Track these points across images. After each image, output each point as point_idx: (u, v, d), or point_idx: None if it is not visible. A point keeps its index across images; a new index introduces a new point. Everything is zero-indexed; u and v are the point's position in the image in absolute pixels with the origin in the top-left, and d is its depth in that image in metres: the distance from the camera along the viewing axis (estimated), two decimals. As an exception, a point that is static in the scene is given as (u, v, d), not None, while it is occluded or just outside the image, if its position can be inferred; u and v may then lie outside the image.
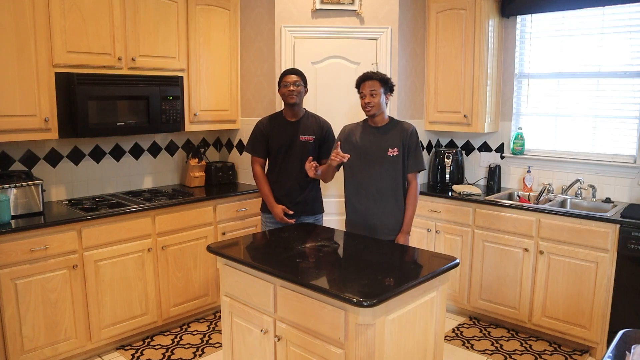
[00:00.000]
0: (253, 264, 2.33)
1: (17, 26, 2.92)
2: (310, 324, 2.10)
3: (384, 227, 2.93)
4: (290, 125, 3.31)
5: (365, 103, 2.86)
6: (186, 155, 4.25)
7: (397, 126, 2.94)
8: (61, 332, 3.03)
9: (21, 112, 2.99)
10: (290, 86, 3.20)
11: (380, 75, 2.88)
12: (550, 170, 3.90)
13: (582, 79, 3.77)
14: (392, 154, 2.89)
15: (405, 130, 2.91)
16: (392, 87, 2.93)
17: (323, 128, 3.35)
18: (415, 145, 2.91)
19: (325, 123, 3.38)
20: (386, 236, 2.92)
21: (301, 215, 3.33)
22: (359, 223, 2.98)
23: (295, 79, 3.22)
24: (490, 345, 3.45)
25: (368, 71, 2.93)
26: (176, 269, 3.56)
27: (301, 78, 3.26)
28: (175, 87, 3.65)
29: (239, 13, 4.06)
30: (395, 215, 2.94)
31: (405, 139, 2.89)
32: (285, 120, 3.33)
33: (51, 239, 2.94)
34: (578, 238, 3.24)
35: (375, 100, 2.84)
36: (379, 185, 2.91)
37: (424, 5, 4.07)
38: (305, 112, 3.37)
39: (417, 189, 2.97)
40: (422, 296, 2.19)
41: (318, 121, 3.36)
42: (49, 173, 3.48)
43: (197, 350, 3.36)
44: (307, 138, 3.30)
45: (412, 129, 2.93)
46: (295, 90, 3.20)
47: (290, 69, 3.30)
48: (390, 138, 2.91)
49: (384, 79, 2.87)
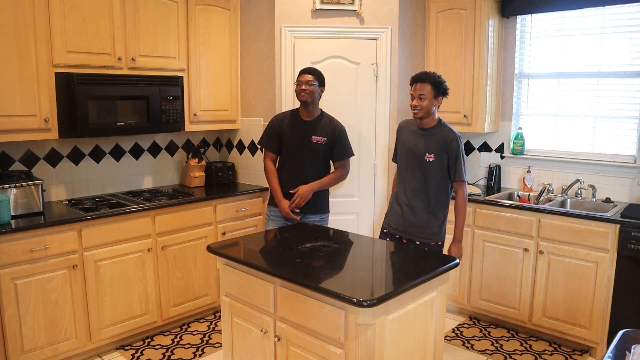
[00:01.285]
0: (253, 264, 2.32)
1: (17, 26, 2.92)
2: (310, 324, 2.10)
3: (413, 227, 2.97)
4: (304, 124, 3.31)
5: (412, 106, 2.86)
6: (186, 155, 4.25)
7: (441, 132, 2.90)
8: (61, 332, 3.03)
9: (21, 112, 2.99)
10: (303, 85, 3.22)
11: (433, 78, 2.83)
12: (550, 170, 3.90)
13: (582, 79, 3.77)
14: (429, 159, 2.89)
15: (446, 139, 2.87)
16: (445, 90, 2.88)
17: (335, 130, 3.34)
18: (455, 155, 2.86)
19: (338, 125, 3.38)
20: (414, 237, 2.97)
21: (307, 213, 3.33)
22: (392, 218, 3.06)
23: (308, 79, 3.23)
24: (490, 345, 3.45)
25: (422, 72, 2.89)
26: (176, 269, 3.56)
27: (316, 77, 3.26)
28: (175, 87, 3.65)
29: (239, 13, 4.06)
30: (425, 221, 2.94)
31: (444, 147, 2.86)
32: (300, 118, 3.33)
33: (51, 239, 2.94)
34: (578, 238, 3.24)
35: (423, 104, 2.83)
36: (413, 186, 2.95)
37: (424, 5, 4.07)
38: (321, 113, 3.37)
39: (463, 197, 2.93)
40: (422, 296, 2.19)
41: (332, 123, 3.36)
42: (49, 173, 3.48)
43: (197, 350, 3.36)
44: (318, 139, 3.30)
45: (454, 136, 2.87)
46: (306, 90, 3.22)
47: (306, 68, 3.31)
48: (432, 143, 2.90)
49: (436, 82, 2.83)
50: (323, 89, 3.32)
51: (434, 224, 2.94)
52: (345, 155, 3.39)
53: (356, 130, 3.83)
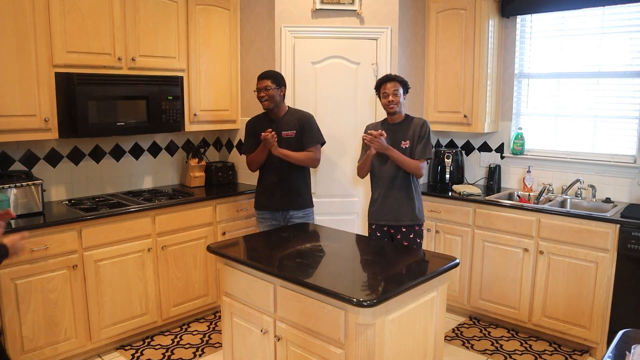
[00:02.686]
0: (253, 264, 2.33)
1: (17, 26, 2.91)
2: (310, 324, 2.10)
3: (398, 213, 3.10)
4: (272, 123, 3.35)
5: (388, 101, 3.07)
6: (186, 155, 4.25)
7: (411, 122, 3.14)
8: (61, 332, 3.03)
9: (21, 112, 2.99)
10: (261, 92, 3.27)
11: (399, 77, 3.12)
12: (550, 170, 3.90)
13: (582, 79, 3.77)
14: (404, 146, 3.09)
15: (416, 124, 3.11)
16: (408, 88, 3.17)
17: (301, 120, 3.37)
18: (423, 136, 3.08)
19: (304, 115, 3.41)
20: (398, 221, 3.11)
21: (289, 209, 3.36)
22: (377, 210, 3.16)
23: (267, 84, 3.26)
24: (490, 345, 3.45)
25: (388, 73, 3.21)
26: (176, 269, 3.56)
27: (273, 81, 3.27)
28: (175, 87, 3.64)
29: (239, 13, 4.06)
30: (409, 204, 3.10)
31: (416, 131, 3.09)
32: (268, 118, 3.39)
33: (51, 239, 2.94)
34: (578, 238, 3.24)
35: (398, 99, 3.07)
36: (389, 175, 3.10)
37: (424, 5, 4.07)
38: (288, 109, 3.41)
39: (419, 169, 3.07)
40: (422, 296, 2.19)
41: (296, 114, 3.40)
42: (49, 173, 3.48)
43: (197, 350, 3.36)
44: (287, 133, 3.33)
45: (423, 121, 3.13)
46: (265, 95, 3.26)
47: (263, 73, 3.33)
48: (404, 132, 3.12)
49: (403, 81, 3.11)
50: (283, 88, 3.34)
51: (413, 207, 3.11)
52: (313, 141, 3.36)
53: (356, 130, 3.83)
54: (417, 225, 3.13)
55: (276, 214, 3.39)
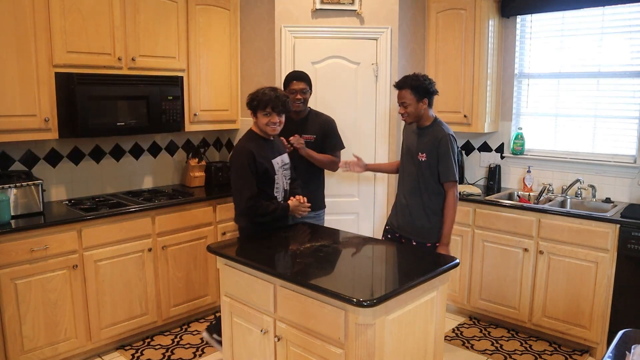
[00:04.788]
0: (253, 264, 2.33)
1: (17, 26, 2.91)
2: (310, 324, 2.10)
3: (410, 226, 2.97)
4: (294, 124, 3.31)
5: (399, 113, 2.88)
6: (186, 155, 4.25)
7: (433, 131, 2.87)
8: (61, 332, 3.03)
9: (21, 112, 2.99)
10: (298, 94, 3.21)
11: (411, 82, 2.78)
12: (550, 170, 3.90)
13: (582, 79, 3.77)
14: (421, 158, 2.88)
15: (435, 138, 2.83)
16: (427, 90, 2.81)
17: (324, 125, 3.35)
18: (444, 154, 2.81)
19: (327, 120, 3.39)
20: (410, 235, 2.98)
21: None
22: (393, 216, 3.08)
23: (303, 87, 3.23)
24: (490, 345, 3.45)
25: (402, 78, 2.87)
26: (176, 269, 3.56)
27: (307, 83, 3.26)
28: (175, 87, 3.64)
29: (239, 13, 4.06)
30: (420, 220, 2.93)
31: (435, 147, 2.82)
32: (291, 119, 3.33)
33: (51, 239, 2.94)
34: (578, 238, 3.24)
35: (408, 110, 2.83)
36: (410, 185, 2.96)
37: (424, 5, 4.07)
38: (310, 111, 3.38)
39: (451, 199, 2.86)
40: (422, 296, 2.19)
41: (320, 118, 3.38)
42: (49, 173, 3.48)
43: (197, 350, 3.36)
44: (308, 137, 3.31)
45: (442, 136, 2.83)
46: (302, 98, 3.23)
47: (298, 75, 3.28)
48: (423, 142, 2.88)
49: (414, 86, 2.78)
50: (312, 90, 3.33)
51: (429, 225, 2.93)
52: (336, 148, 3.39)
53: (356, 131, 3.83)
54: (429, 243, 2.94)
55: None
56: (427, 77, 2.86)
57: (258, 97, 2.77)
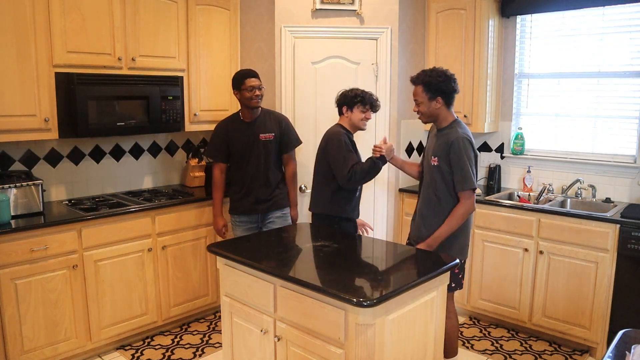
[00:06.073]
0: (253, 264, 2.32)
1: (17, 26, 2.91)
2: (310, 324, 2.10)
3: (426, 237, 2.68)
4: (248, 126, 3.34)
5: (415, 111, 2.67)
6: (186, 155, 4.25)
7: (447, 133, 2.59)
8: (61, 332, 3.03)
9: (21, 112, 2.99)
10: (256, 90, 3.24)
11: (423, 78, 2.56)
12: (550, 170, 3.90)
13: (582, 79, 3.77)
14: (434, 162, 2.62)
15: (447, 141, 2.56)
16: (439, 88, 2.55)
17: (281, 123, 3.39)
18: (457, 161, 2.53)
19: (282, 117, 3.43)
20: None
21: (269, 210, 3.40)
22: (411, 227, 2.86)
23: (259, 83, 3.27)
24: (490, 345, 3.45)
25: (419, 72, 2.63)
26: (176, 269, 3.56)
27: (260, 80, 3.30)
28: (175, 87, 3.64)
29: (239, 13, 4.05)
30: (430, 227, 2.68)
31: (446, 151, 2.55)
32: (243, 121, 3.37)
33: (51, 239, 2.94)
34: (578, 238, 3.24)
35: (421, 108, 2.61)
36: (425, 194, 2.72)
37: (424, 5, 4.07)
38: (261, 110, 3.40)
39: (462, 208, 2.59)
40: (422, 296, 2.19)
41: (275, 117, 3.41)
42: (49, 173, 3.48)
43: (197, 350, 3.36)
44: (266, 136, 3.33)
45: (455, 139, 2.54)
46: (260, 94, 3.26)
47: (251, 72, 3.31)
48: (437, 145, 2.62)
49: (426, 83, 2.55)
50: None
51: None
52: (294, 144, 3.43)
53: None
54: None
55: (254, 216, 3.41)
56: (444, 73, 2.58)
57: (360, 94, 2.92)
